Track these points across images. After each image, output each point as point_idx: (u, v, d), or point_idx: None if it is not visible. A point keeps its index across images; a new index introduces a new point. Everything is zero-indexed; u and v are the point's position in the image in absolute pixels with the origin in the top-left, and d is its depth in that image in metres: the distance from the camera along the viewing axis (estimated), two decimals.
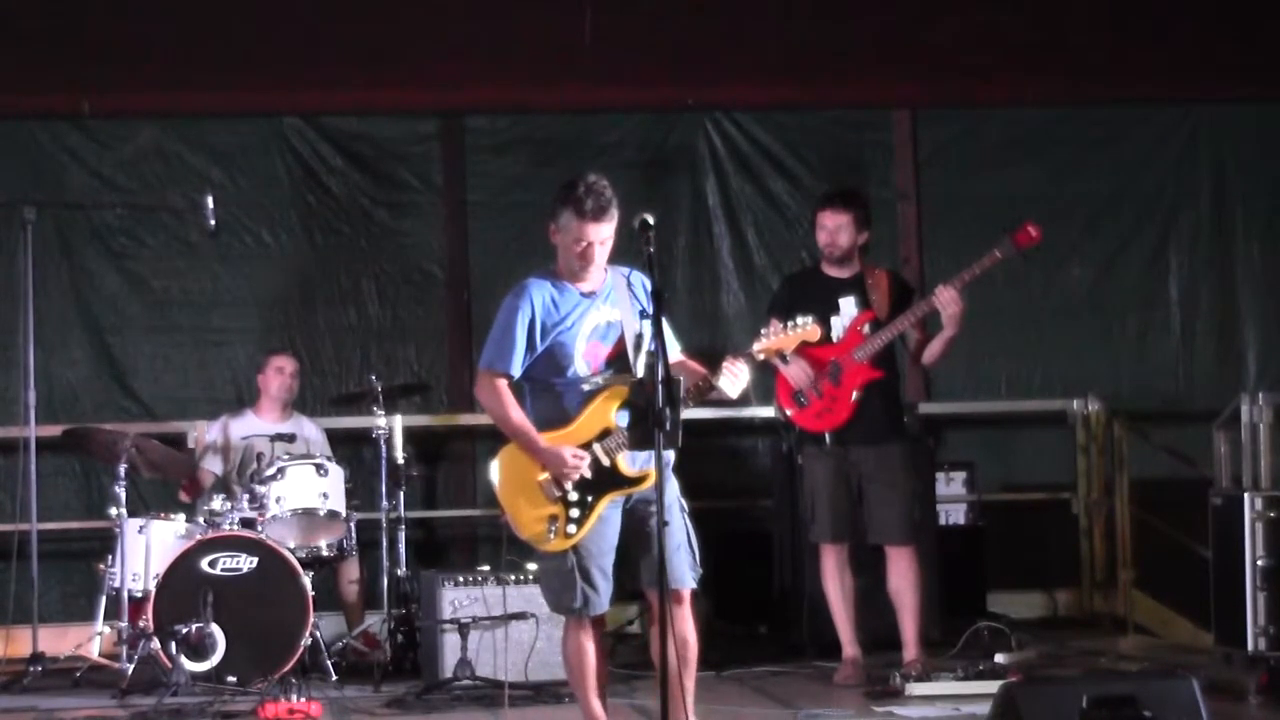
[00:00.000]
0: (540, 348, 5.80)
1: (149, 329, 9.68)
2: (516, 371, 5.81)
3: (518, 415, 5.79)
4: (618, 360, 5.82)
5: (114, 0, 9.42)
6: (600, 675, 5.98)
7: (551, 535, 5.74)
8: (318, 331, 9.77)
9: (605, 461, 5.75)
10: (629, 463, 5.74)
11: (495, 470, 5.83)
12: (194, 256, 9.69)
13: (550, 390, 5.83)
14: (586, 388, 5.81)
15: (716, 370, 5.78)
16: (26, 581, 8.43)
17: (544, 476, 5.75)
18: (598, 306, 5.85)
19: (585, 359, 5.82)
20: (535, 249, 9.49)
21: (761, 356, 5.93)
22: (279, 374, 8.98)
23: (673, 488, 5.80)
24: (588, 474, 5.74)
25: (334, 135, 9.84)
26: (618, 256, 5.92)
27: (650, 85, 9.93)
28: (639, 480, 5.72)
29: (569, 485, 5.74)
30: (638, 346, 5.77)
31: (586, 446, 5.75)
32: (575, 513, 5.74)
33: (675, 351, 5.87)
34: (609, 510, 5.78)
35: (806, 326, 5.93)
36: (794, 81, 9.98)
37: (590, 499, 5.75)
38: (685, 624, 5.86)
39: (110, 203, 9.58)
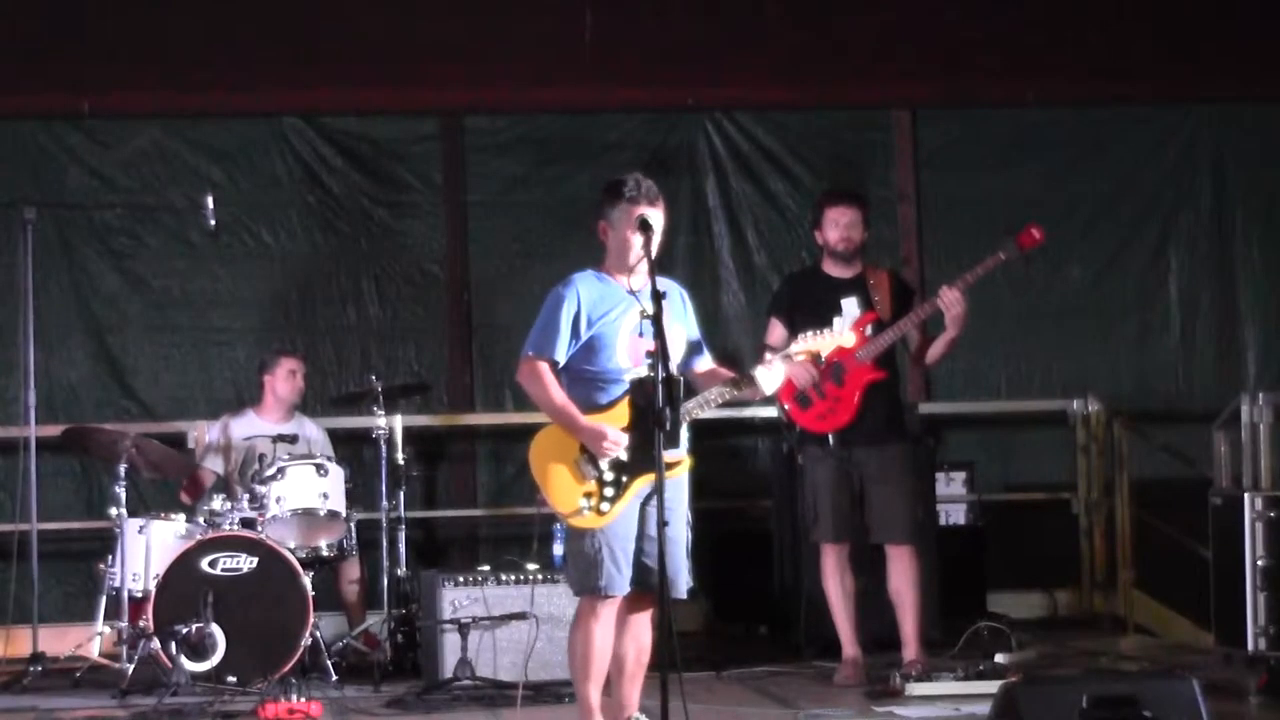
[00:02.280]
0: (584, 337, 5.93)
1: (149, 329, 9.68)
2: (561, 358, 5.94)
3: (560, 396, 5.92)
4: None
5: (114, 0, 9.42)
6: (606, 669, 6.02)
7: (586, 511, 5.84)
8: (318, 331, 9.76)
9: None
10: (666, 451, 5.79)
11: (533, 449, 5.95)
12: (194, 256, 9.69)
13: (588, 380, 5.95)
14: (629, 379, 5.90)
15: (748, 377, 5.97)
16: (26, 581, 8.43)
17: (582, 456, 5.86)
18: (640, 304, 5.91)
19: (627, 352, 5.93)
20: (535, 249, 9.58)
21: (801, 358, 6.16)
22: (291, 377, 8.95)
23: (684, 498, 5.92)
24: (624, 456, 5.84)
25: (334, 135, 9.84)
26: None
27: (650, 85, 9.93)
28: (672, 465, 5.81)
29: (605, 464, 5.82)
30: (682, 348, 5.99)
31: (625, 431, 5.85)
32: (610, 491, 5.86)
33: (708, 360, 6.13)
34: (634, 500, 5.86)
35: (843, 332, 6.23)
36: (794, 81, 9.98)
37: (625, 479, 5.86)
38: (647, 630, 5.97)
39: (110, 203, 9.57)
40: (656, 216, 5.95)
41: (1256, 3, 9.90)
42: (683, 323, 6.05)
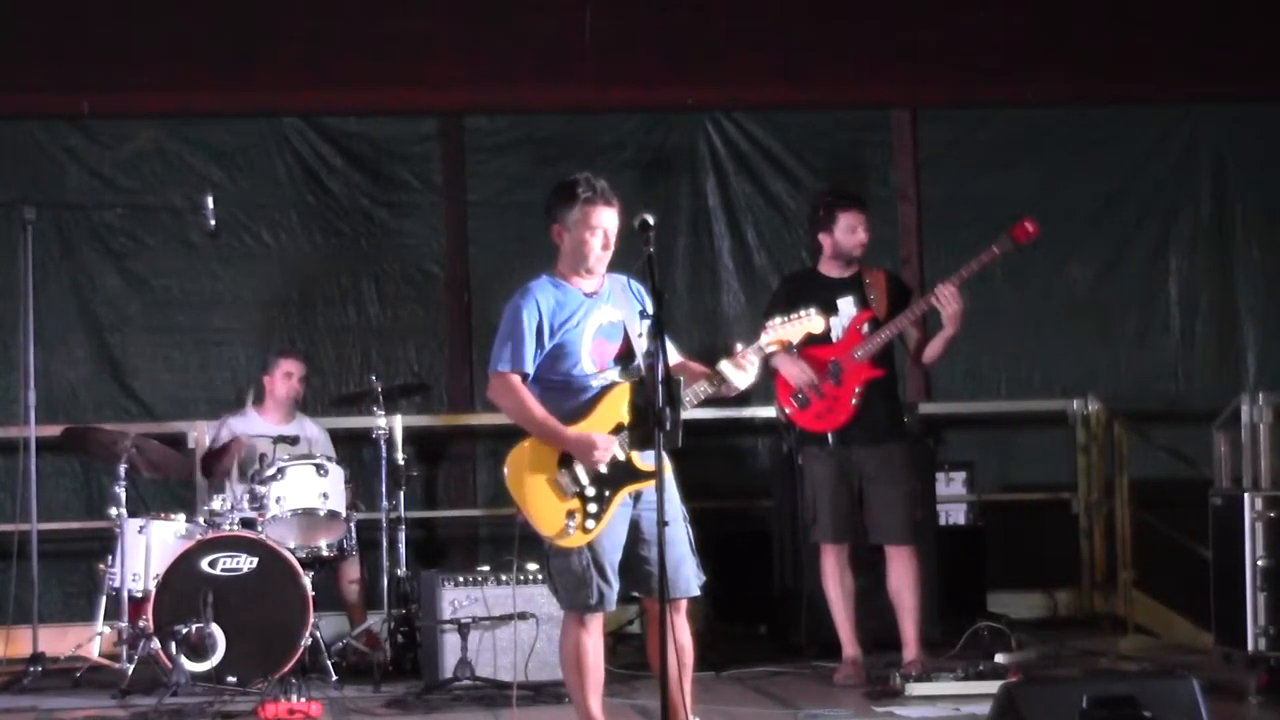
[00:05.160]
0: (548, 346, 5.83)
1: (149, 329, 9.67)
2: (530, 369, 5.83)
3: (540, 410, 5.80)
4: (624, 358, 5.85)
5: (114, 0, 9.42)
6: (603, 678, 5.98)
7: (571, 530, 5.76)
8: (318, 331, 9.76)
9: (620, 455, 5.77)
10: (643, 456, 5.75)
11: (508, 469, 5.84)
12: (194, 256, 9.69)
13: (556, 388, 5.85)
14: (597, 383, 5.83)
15: (715, 372, 5.82)
16: (26, 581, 8.43)
17: (560, 472, 5.77)
18: (600, 306, 5.88)
19: (592, 357, 5.86)
20: (535, 249, 9.48)
21: (772, 348, 5.95)
22: (287, 379, 8.95)
23: (675, 496, 5.82)
24: (603, 469, 5.76)
25: (334, 135, 9.84)
26: (617, 257, 5.94)
27: (650, 85, 9.93)
28: (654, 473, 5.68)
29: (586, 480, 5.76)
30: (645, 342, 5.79)
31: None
32: (593, 507, 5.77)
33: (674, 354, 5.88)
34: (621, 509, 5.80)
35: (810, 316, 5.98)
36: (794, 81, 9.99)
37: (607, 493, 5.78)
38: (684, 631, 5.89)
39: (110, 203, 9.58)
40: (611, 216, 5.85)
41: (1256, 3, 9.90)
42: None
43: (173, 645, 7.61)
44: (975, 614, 8.76)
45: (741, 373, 5.83)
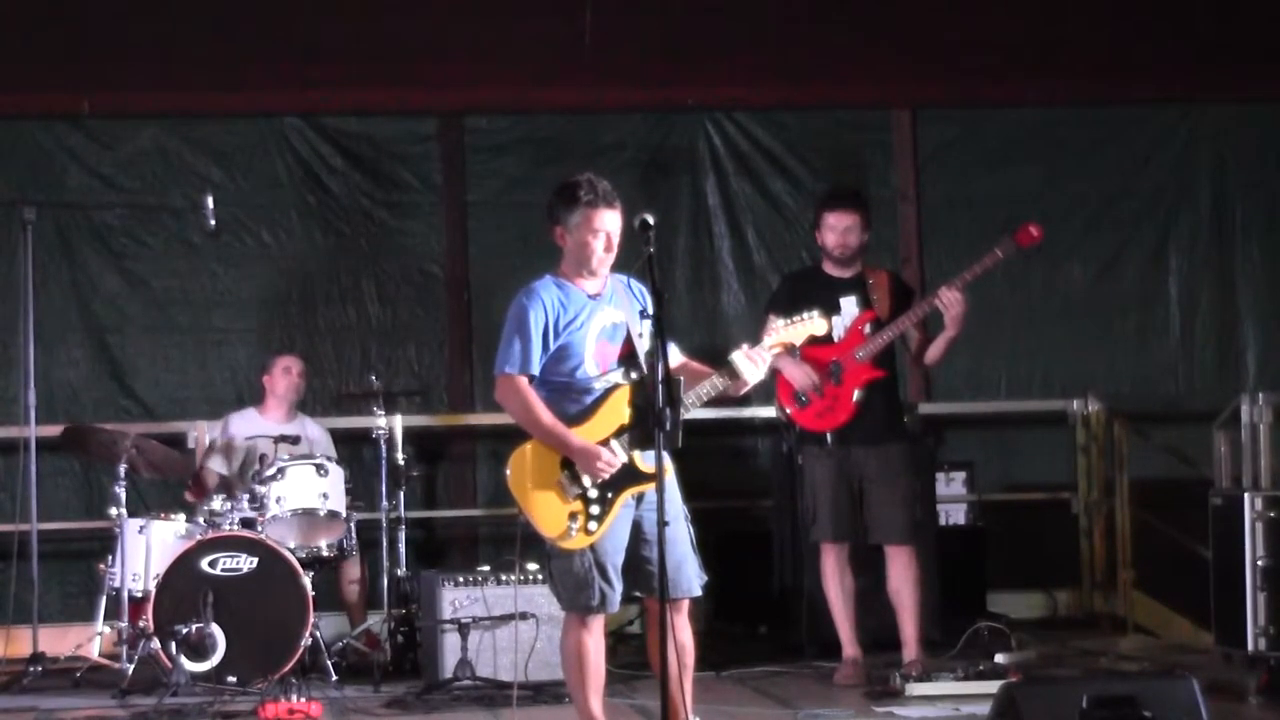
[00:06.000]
0: (552, 347, 5.82)
1: (149, 329, 9.68)
2: (537, 371, 5.81)
3: (548, 416, 5.77)
4: (628, 359, 5.84)
5: (114, 0, 9.42)
6: (603, 678, 5.98)
7: (573, 532, 5.75)
8: (318, 331, 9.77)
9: (623, 457, 5.77)
10: (645, 457, 5.75)
11: (511, 470, 5.82)
12: (194, 256, 9.70)
13: (559, 389, 5.84)
14: (600, 385, 5.83)
15: (727, 363, 5.79)
16: (26, 581, 8.43)
17: (562, 474, 5.77)
18: (603, 308, 5.87)
19: (595, 359, 5.85)
20: (535, 249, 9.52)
21: (775, 350, 5.94)
22: (286, 374, 8.97)
23: (677, 496, 5.82)
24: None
25: (334, 135, 9.84)
26: (618, 257, 5.94)
27: (650, 85, 9.93)
28: (656, 475, 5.68)
29: (588, 482, 5.75)
30: (648, 342, 5.79)
31: (604, 444, 5.77)
32: (596, 509, 5.76)
33: (676, 354, 5.88)
34: (623, 510, 5.80)
35: (814, 318, 5.97)
36: (794, 81, 9.99)
37: (610, 495, 5.77)
38: (685, 631, 5.89)
39: (110, 203, 9.59)
40: (614, 219, 5.82)
41: (1256, 3, 9.90)
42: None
43: (173, 645, 7.61)
44: (975, 614, 8.76)
45: (753, 366, 5.80)
